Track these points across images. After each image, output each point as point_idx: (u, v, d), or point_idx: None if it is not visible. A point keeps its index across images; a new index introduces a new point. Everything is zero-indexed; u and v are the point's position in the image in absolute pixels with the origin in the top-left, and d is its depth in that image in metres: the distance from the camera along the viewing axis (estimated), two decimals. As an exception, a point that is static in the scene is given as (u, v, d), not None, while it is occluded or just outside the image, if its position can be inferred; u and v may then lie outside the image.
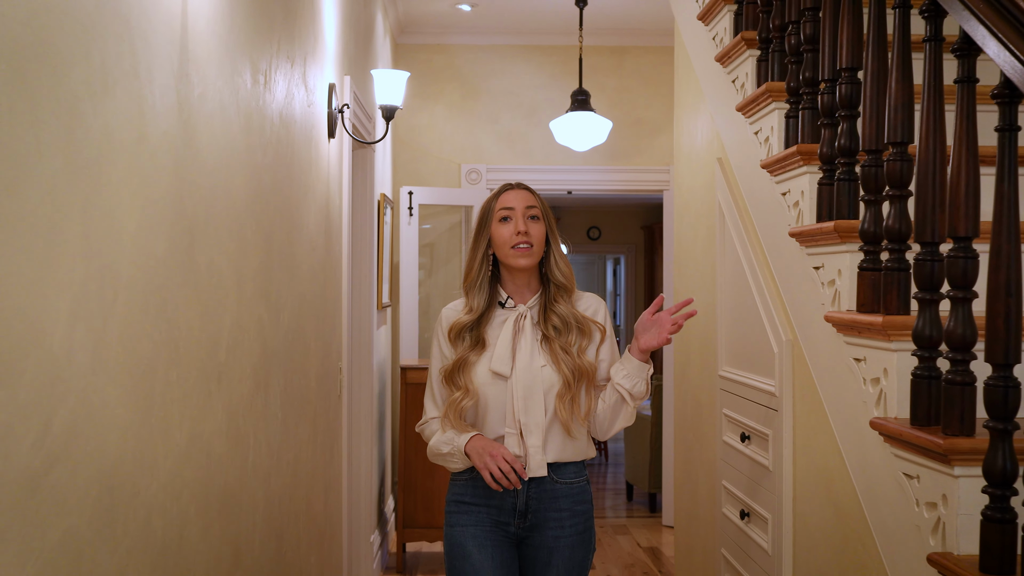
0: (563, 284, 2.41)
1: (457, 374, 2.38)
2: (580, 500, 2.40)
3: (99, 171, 1.32)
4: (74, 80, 1.24)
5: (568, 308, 2.38)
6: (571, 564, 2.39)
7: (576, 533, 2.39)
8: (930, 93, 1.64)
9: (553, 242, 2.44)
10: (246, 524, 2.21)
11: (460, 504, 2.42)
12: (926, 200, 1.64)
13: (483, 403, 2.36)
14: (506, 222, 2.39)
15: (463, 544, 2.38)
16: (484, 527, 2.39)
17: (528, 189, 2.46)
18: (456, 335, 2.41)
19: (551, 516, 2.37)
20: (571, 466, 2.39)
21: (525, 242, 2.36)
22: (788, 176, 2.36)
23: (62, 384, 1.21)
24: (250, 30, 2.22)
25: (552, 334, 2.36)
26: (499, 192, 2.46)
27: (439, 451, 2.40)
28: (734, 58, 2.80)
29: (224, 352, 2.00)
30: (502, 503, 2.37)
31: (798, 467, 2.43)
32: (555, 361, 2.34)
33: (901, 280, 1.78)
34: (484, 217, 2.45)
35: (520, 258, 2.36)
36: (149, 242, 1.53)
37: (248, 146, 2.22)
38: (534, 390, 2.33)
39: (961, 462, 1.54)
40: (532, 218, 2.40)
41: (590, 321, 2.39)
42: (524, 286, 2.43)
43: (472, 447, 2.31)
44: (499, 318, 2.42)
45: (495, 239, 2.41)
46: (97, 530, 1.33)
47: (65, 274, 1.21)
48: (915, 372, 1.67)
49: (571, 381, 2.33)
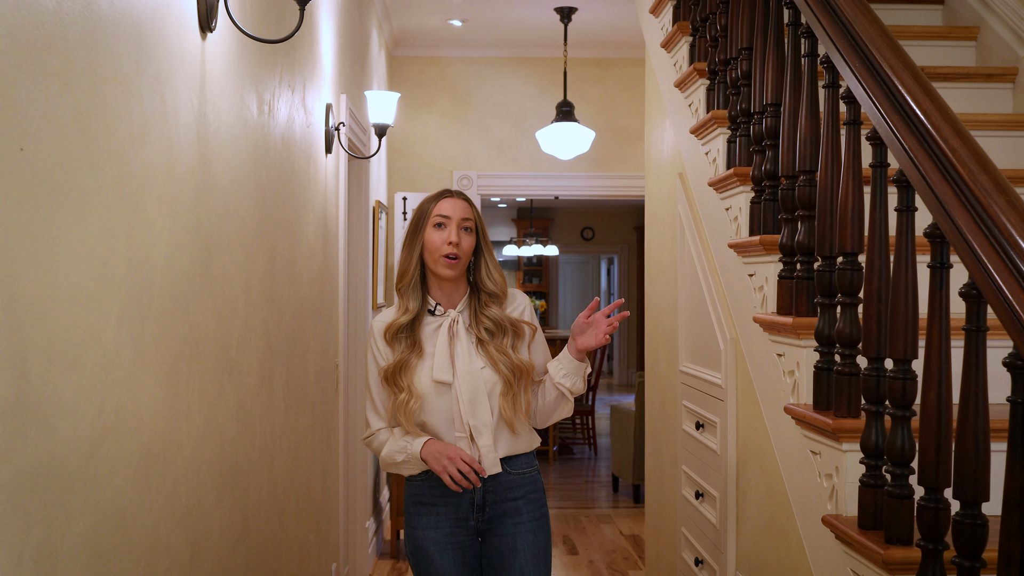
0: (495, 293, 2.47)
1: (399, 375, 2.40)
2: (533, 488, 2.49)
3: (139, 203, 1.64)
4: (122, 132, 1.56)
5: (500, 312, 2.45)
6: (536, 548, 2.47)
7: (534, 519, 2.47)
8: (828, 133, 1.96)
9: (486, 252, 2.50)
10: (253, 499, 2.52)
11: (419, 505, 2.47)
12: (824, 221, 1.96)
13: (428, 410, 2.39)
14: (440, 228, 2.42)
15: (425, 548, 2.45)
16: (443, 529, 2.44)
17: (466, 199, 2.48)
18: (393, 336, 2.43)
19: (508, 507, 2.44)
20: (522, 457, 2.46)
21: (454, 254, 2.40)
22: (729, 194, 2.68)
23: (112, 373, 1.52)
24: (256, 65, 2.54)
25: (486, 336, 2.42)
26: (437, 197, 2.49)
27: (393, 460, 2.42)
28: (689, 85, 3.12)
29: (235, 349, 2.32)
30: (459, 500, 2.42)
31: (740, 450, 2.75)
32: (493, 362, 2.40)
33: (809, 287, 2.09)
34: (419, 219, 2.48)
35: (446, 268, 2.41)
36: (175, 258, 1.85)
37: (255, 168, 2.54)
38: (478, 392, 2.38)
39: (847, 439, 1.85)
40: (465, 229, 2.43)
41: (521, 322, 2.46)
42: (452, 292, 2.48)
43: (428, 452, 2.35)
44: (431, 324, 2.45)
45: (427, 243, 2.43)
46: (137, 491, 1.65)
47: (115, 286, 1.53)
48: (816, 365, 1.99)
49: (511, 380, 2.39)
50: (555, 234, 15.22)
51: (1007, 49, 3.08)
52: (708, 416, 3.01)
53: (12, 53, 1.18)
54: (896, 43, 1.73)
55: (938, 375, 1.50)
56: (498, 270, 2.50)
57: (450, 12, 6.01)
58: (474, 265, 2.49)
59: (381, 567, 5.42)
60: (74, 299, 1.38)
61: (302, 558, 3.29)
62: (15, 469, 1.20)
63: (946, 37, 3.27)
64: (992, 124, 2.83)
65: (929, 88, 1.60)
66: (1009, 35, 3.07)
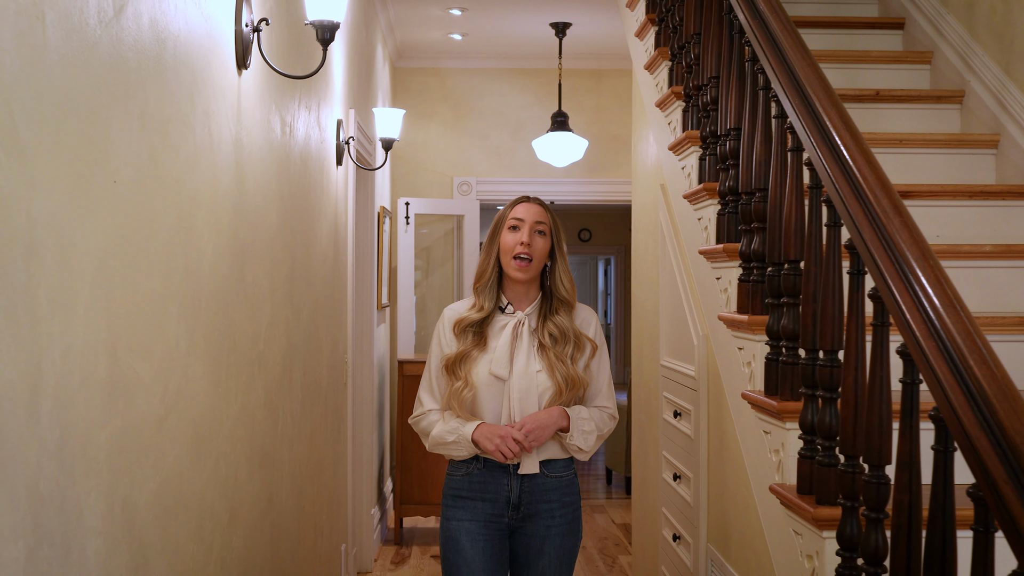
0: (566, 299, 2.57)
1: (459, 365, 2.53)
2: (568, 492, 2.58)
3: (192, 220, 1.96)
4: (181, 162, 1.88)
5: (568, 321, 2.56)
6: (562, 551, 2.58)
7: (566, 523, 2.58)
8: (777, 157, 2.28)
9: (560, 258, 2.59)
10: (277, 477, 2.84)
11: (457, 498, 2.57)
12: (774, 233, 2.28)
13: (480, 400, 2.53)
14: (514, 231, 2.55)
15: (457, 538, 2.55)
16: (478, 522, 2.54)
17: (542, 205, 2.61)
18: (462, 330, 2.57)
19: (542, 508, 2.55)
20: (560, 461, 2.57)
21: (525, 254, 2.52)
22: (700, 206, 3.00)
23: (173, 362, 1.85)
24: (280, 92, 2.86)
25: (548, 342, 2.53)
26: (515, 203, 2.61)
27: (443, 440, 2.53)
28: (668, 105, 3.44)
29: (263, 343, 2.64)
30: (496, 496, 2.54)
31: (711, 435, 3.07)
32: (550, 368, 2.51)
33: (762, 289, 2.41)
34: (497, 224, 2.60)
35: (517, 271, 2.53)
36: (218, 266, 2.17)
37: (278, 184, 2.86)
38: (529, 393, 2.50)
39: (790, 419, 2.17)
40: (539, 232, 2.55)
41: (584, 336, 2.57)
42: (523, 294, 2.59)
43: (480, 433, 2.47)
44: (499, 322, 2.57)
45: (502, 245, 2.56)
46: (190, 461, 1.97)
47: (175, 291, 1.85)
48: (767, 356, 2.31)
49: (563, 388, 2.50)
50: (553, 235, 15.52)
51: (956, 73, 3.40)
52: (684, 405, 3.33)
53: (107, 102, 1.50)
54: (829, 87, 2.05)
55: (854, 363, 1.82)
56: (569, 278, 2.60)
57: (451, 27, 6.34)
58: (549, 270, 2.60)
59: (385, 552, 5.74)
60: (148, 301, 1.70)
61: (316, 536, 3.61)
62: (109, 435, 1.52)
63: (903, 61, 3.59)
64: (938, 143, 3.15)
65: (851, 125, 1.92)
66: (958, 61, 3.39)
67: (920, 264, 1.58)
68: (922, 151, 3.13)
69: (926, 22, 3.61)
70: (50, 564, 1.30)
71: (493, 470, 2.54)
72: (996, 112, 3.15)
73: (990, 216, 2.93)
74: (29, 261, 1.23)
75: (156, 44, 1.73)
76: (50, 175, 1.29)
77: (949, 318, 1.47)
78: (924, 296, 1.54)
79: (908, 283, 1.59)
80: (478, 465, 2.56)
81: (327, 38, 2.34)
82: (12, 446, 1.19)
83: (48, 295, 1.29)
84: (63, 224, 1.34)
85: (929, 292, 1.53)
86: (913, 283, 1.57)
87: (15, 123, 1.19)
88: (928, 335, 1.51)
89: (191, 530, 1.98)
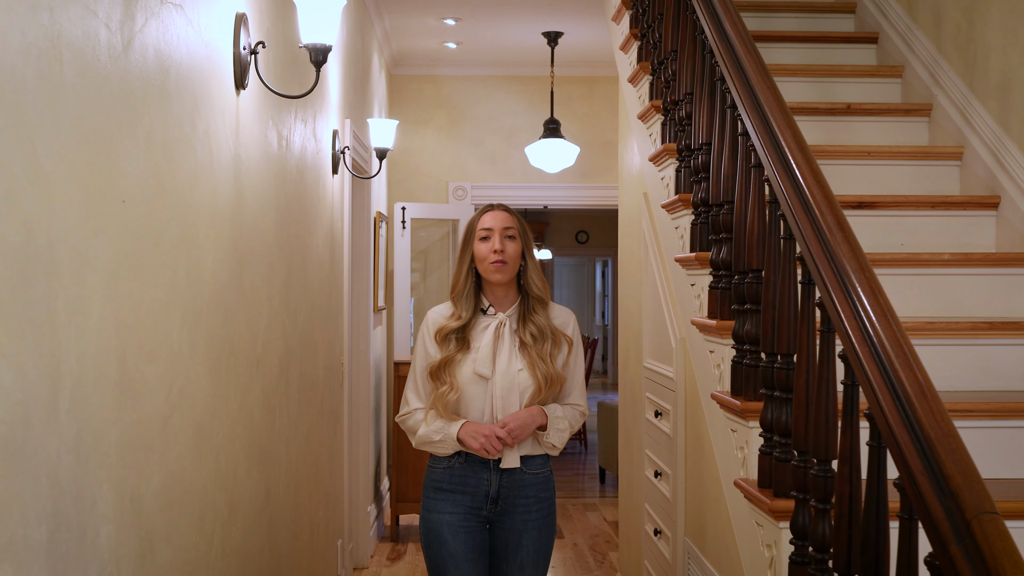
0: (539, 296, 2.72)
1: (443, 371, 2.67)
2: (545, 488, 2.73)
3: (194, 233, 2.11)
4: (183, 179, 2.03)
5: (545, 320, 2.70)
6: (539, 544, 2.71)
7: (542, 517, 2.72)
8: (741, 173, 2.43)
9: (529, 259, 2.74)
10: (274, 473, 2.99)
11: (438, 491, 2.71)
12: (739, 243, 2.43)
13: (464, 401, 2.67)
14: (485, 241, 2.69)
15: (439, 531, 2.69)
16: (458, 514, 2.68)
17: (507, 210, 2.74)
18: (443, 338, 2.70)
19: (519, 502, 2.69)
20: (538, 458, 2.72)
21: (500, 260, 2.66)
22: (677, 215, 3.15)
23: (177, 365, 2.00)
24: (276, 108, 3.01)
25: (529, 341, 2.67)
26: (481, 212, 2.75)
27: (430, 439, 2.67)
28: (649, 118, 3.59)
29: (260, 347, 2.79)
30: (476, 489, 2.68)
31: (688, 434, 3.22)
32: (531, 366, 2.65)
33: (730, 296, 2.56)
34: (468, 235, 2.74)
35: (495, 273, 2.67)
36: (218, 274, 2.32)
37: (275, 194, 3.01)
38: (511, 391, 2.64)
39: (752, 418, 2.32)
40: (509, 237, 2.69)
41: (561, 333, 2.73)
42: (503, 296, 2.73)
43: (465, 432, 2.62)
44: (482, 323, 2.71)
45: (476, 255, 2.70)
46: (192, 457, 2.12)
47: (178, 299, 2.00)
48: (733, 359, 2.46)
49: (543, 386, 2.65)
50: (550, 237, 15.70)
51: (925, 87, 3.55)
52: (664, 405, 3.48)
53: (116, 129, 1.65)
54: (786, 109, 2.20)
55: (805, 366, 1.97)
56: (540, 276, 2.74)
57: (445, 36, 6.49)
58: (522, 271, 2.74)
59: (381, 549, 5.89)
60: (153, 309, 1.85)
61: (312, 531, 3.76)
62: (120, 432, 1.67)
63: (875, 75, 3.74)
64: (905, 155, 3.31)
65: (804, 146, 2.07)
66: (926, 75, 3.54)
67: (858, 276, 1.73)
68: (890, 163, 3.28)
69: (898, 37, 3.76)
70: (67, 546, 1.46)
71: (474, 464, 2.68)
72: (960, 125, 3.30)
73: (952, 225, 3.08)
74: (49, 276, 1.38)
75: (160, 73, 1.88)
76: (66, 199, 1.45)
77: (881, 326, 1.62)
78: (860, 306, 1.69)
79: (847, 293, 1.74)
80: (459, 459, 2.69)
81: (320, 60, 2.49)
82: (36, 440, 1.34)
83: (66, 306, 1.44)
84: (78, 242, 1.49)
85: (864, 302, 1.68)
86: (851, 294, 1.72)
87: (37, 155, 1.35)
88: (863, 341, 1.66)
89: (193, 521, 2.13)
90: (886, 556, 1.65)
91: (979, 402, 2.41)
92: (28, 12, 1.32)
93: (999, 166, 3.07)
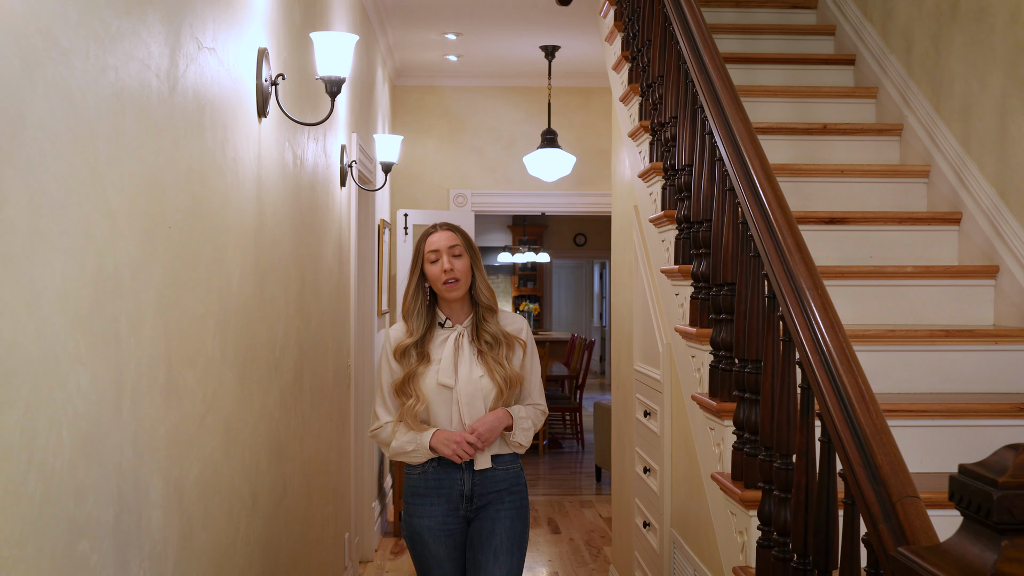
0: (487, 305, 2.88)
1: (407, 385, 2.82)
2: (516, 482, 2.90)
3: (224, 250, 2.35)
4: (216, 201, 2.27)
5: (496, 327, 2.87)
6: (512, 533, 2.86)
7: (514, 508, 2.87)
8: (718, 194, 2.67)
9: (477, 271, 2.88)
10: (289, 468, 3.24)
11: (416, 496, 2.86)
12: (716, 258, 2.68)
13: (431, 408, 2.82)
14: (434, 263, 2.83)
15: (420, 535, 2.85)
16: (436, 518, 2.84)
17: (451, 229, 2.87)
18: (401, 354, 2.85)
19: (493, 497, 2.85)
20: (506, 456, 2.88)
21: (452, 278, 2.82)
22: (663, 229, 3.39)
23: (211, 369, 2.24)
24: (292, 131, 3.25)
25: (486, 348, 2.84)
26: (426, 235, 2.88)
27: (403, 450, 2.82)
28: (638, 137, 3.84)
29: (278, 351, 3.03)
30: (451, 490, 2.84)
31: (674, 432, 3.46)
32: (490, 372, 2.82)
33: (708, 306, 2.81)
34: (416, 257, 2.89)
35: (450, 291, 2.83)
36: (244, 286, 2.57)
37: (290, 210, 3.25)
38: (475, 397, 2.81)
39: (727, 417, 2.57)
40: (456, 256, 2.83)
41: (514, 336, 2.90)
42: (459, 309, 2.89)
43: (437, 440, 2.78)
44: (440, 336, 2.86)
45: (428, 276, 2.85)
46: (223, 452, 2.36)
47: (211, 309, 2.25)
48: (711, 364, 2.71)
49: (504, 388, 2.82)
50: (549, 240, 15.97)
51: (896, 108, 3.79)
52: (652, 405, 3.73)
53: (164, 164, 1.90)
54: (757, 142, 2.44)
55: (771, 371, 2.21)
56: (487, 286, 2.89)
57: (446, 49, 6.74)
58: (472, 282, 2.89)
59: (385, 543, 6.14)
60: (192, 321, 2.09)
61: (323, 523, 4.01)
62: (167, 428, 1.92)
63: (852, 96, 3.99)
64: (876, 172, 3.55)
65: (770, 173, 2.32)
66: (898, 97, 3.79)
67: (812, 293, 1.97)
68: (861, 180, 3.53)
69: (873, 60, 4.01)
70: (128, 526, 1.70)
71: (447, 467, 2.84)
72: (928, 145, 3.55)
73: (918, 239, 3.33)
74: (115, 296, 1.63)
75: (197, 110, 2.13)
76: (128, 229, 1.69)
77: (829, 337, 1.87)
78: (813, 319, 1.93)
79: (803, 308, 1.98)
80: (433, 464, 2.84)
81: (335, 91, 2.74)
82: (105, 436, 1.59)
83: (127, 321, 1.68)
84: (136, 265, 1.73)
85: (816, 316, 1.92)
86: (806, 308, 1.97)
87: (107, 194, 1.59)
88: (815, 350, 1.90)
89: (224, 510, 2.37)
90: (835, 537, 1.89)
91: (933, 403, 2.66)
92: (100, 73, 1.56)
93: (961, 184, 3.31)
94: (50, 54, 1.37)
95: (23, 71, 1.29)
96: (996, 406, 2.66)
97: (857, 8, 4.24)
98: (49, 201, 1.37)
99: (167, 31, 1.89)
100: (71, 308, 1.45)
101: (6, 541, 1.26)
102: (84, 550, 1.51)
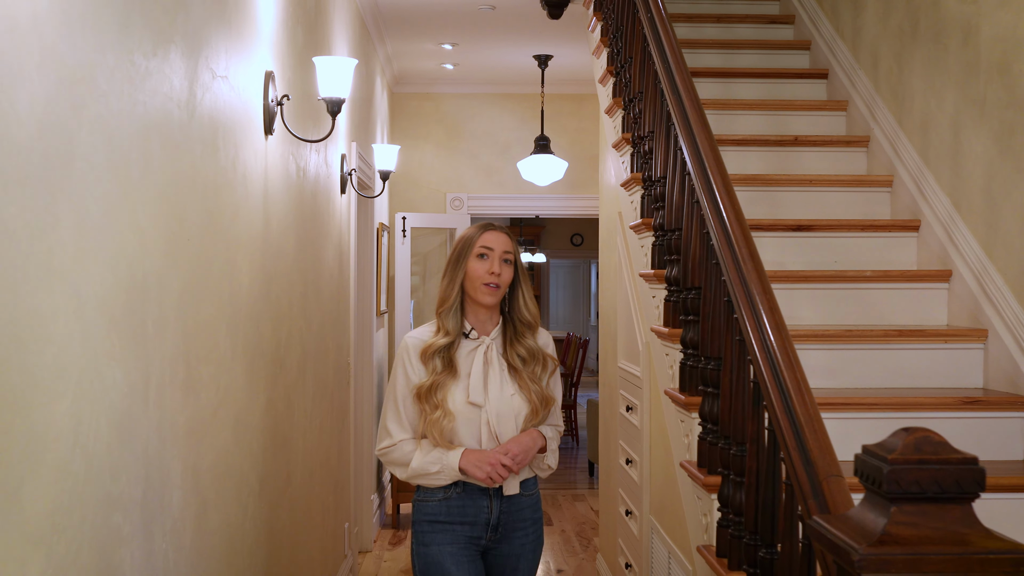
0: (530, 323, 2.65)
1: (433, 393, 2.53)
2: (537, 508, 2.72)
3: (235, 257, 2.59)
4: (227, 214, 2.51)
5: (535, 344, 2.66)
6: (532, 565, 2.72)
7: (536, 538, 2.71)
8: (687, 205, 2.91)
9: (523, 284, 2.68)
10: (293, 459, 3.48)
11: (434, 524, 2.58)
12: (686, 263, 2.91)
13: (458, 428, 2.55)
14: (483, 259, 2.59)
15: (441, 562, 2.56)
16: (459, 544, 2.58)
17: (507, 234, 2.65)
18: (429, 356, 2.57)
19: (517, 526, 2.65)
20: (531, 480, 2.71)
21: (495, 283, 2.58)
22: (642, 236, 3.63)
23: (223, 365, 2.48)
24: (295, 144, 3.49)
25: (519, 364, 2.61)
26: (481, 229, 2.64)
27: (426, 471, 2.53)
28: (621, 148, 4.07)
29: (283, 350, 3.27)
30: (476, 519, 2.59)
31: (652, 425, 3.70)
32: (524, 390, 2.60)
33: (680, 308, 3.04)
34: (463, 250, 2.62)
35: (487, 296, 2.58)
36: (252, 289, 2.80)
37: (294, 218, 3.49)
38: (506, 416, 2.58)
39: (694, 409, 2.80)
40: (506, 262, 2.61)
41: (548, 355, 2.69)
42: (487, 319, 2.65)
43: (468, 462, 2.51)
44: (466, 347, 2.61)
45: (469, 272, 2.59)
46: (233, 442, 2.60)
47: (224, 311, 2.48)
48: (681, 361, 2.94)
49: (538, 407, 2.61)
50: (546, 240, 16.22)
51: (864, 121, 4.03)
52: (633, 400, 3.96)
53: (184, 184, 2.13)
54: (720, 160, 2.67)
55: (729, 367, 2.44)
56: (534, 303, 2.68)
57: (443, 58, 6.97)
58: (510, 297, 2.67)
59: (384, 534, 6.38)
60: (207, 322, 2.33)
61: (324, 512, 4.24)
62: (186, 419, 2.16)
63: (823, 108, 4.22)
64: (843, 182, 3.79)
65: (730, 189, 2.55)
66: (865, 110, 4.02)
67: (761, 298, 2.21)
68: (829, 189, 3.76)
69: (843, 75, 4.24)
70: (153, 505, 1.94)
71: (473, 493, 2.59)
72: (891, 156, 3.78)
73: (879, 245, 3.56)
74: (143, 301, 1.87)
75: (212, 133, 2.36)
76: (154, 243, 1.93)
77: (773, 337, 2.10)
78: (760, 321, 2.17)
79: (753, 310, 2.22)
80: (457, 489, 2.58)
81: (336, 111, 2.97)
82: (135, 424, 1.82)
83: (153, 323, 1.92)
84: (160, 274, 1.97)
85: (764, 318, 2.16)
86: (756, 311, 2.20)
87: (136, 213, 1.83)
88: (762, 348, 2.14)
89: (233, 494, 2.61)
90: (780, 515, 2.12)
91: (884, 397, 2.90)
92: (131, 108, 1.80)
93: (920, 194, 3.55)
94: (93, 96, 1.61)
95: (72, 113, 1.52)
96: (943, 400, 2.90)
97: (830, 24, 4.48)
98: (91, 222, 1.60)
99: (186, 66, 2.12)
100: (108, 313, 1.69)
101: (58, 510, 1.49)
102: (118, 521, 1.75)
